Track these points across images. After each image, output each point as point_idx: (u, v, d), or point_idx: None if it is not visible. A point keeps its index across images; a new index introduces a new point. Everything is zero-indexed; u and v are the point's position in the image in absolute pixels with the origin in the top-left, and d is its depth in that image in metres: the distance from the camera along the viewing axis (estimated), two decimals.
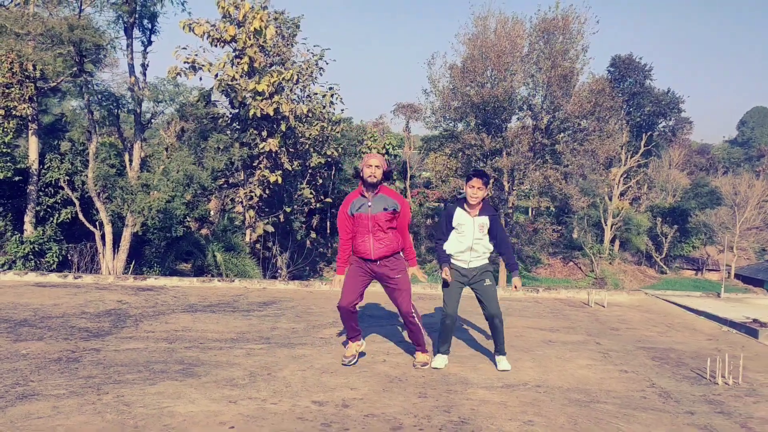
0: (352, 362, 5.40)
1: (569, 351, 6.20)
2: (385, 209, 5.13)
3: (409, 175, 47.57)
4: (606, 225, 48.93)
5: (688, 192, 56.14)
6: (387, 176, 5.17)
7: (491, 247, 5.40)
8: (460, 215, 5.30)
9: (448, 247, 5.37)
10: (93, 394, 4.38)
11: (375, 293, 8.14)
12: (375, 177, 5.09)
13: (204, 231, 32.94)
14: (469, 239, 5.27)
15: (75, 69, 20.74)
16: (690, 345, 6.69)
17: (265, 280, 9.84)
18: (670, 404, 4.70)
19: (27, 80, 21.11)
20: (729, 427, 4.27)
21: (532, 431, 4.05)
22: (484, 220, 5.28)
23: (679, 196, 55.88)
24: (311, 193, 30.47)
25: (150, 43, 23.30)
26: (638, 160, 51.43)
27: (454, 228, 5.32)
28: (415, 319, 5.33)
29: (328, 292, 9.29)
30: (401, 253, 5.34)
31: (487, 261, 5.41)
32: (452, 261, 5.39)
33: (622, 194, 51.85)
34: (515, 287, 5.49)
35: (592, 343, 6.59)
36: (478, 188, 5.18)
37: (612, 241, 50.05)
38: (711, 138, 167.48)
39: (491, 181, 4.95)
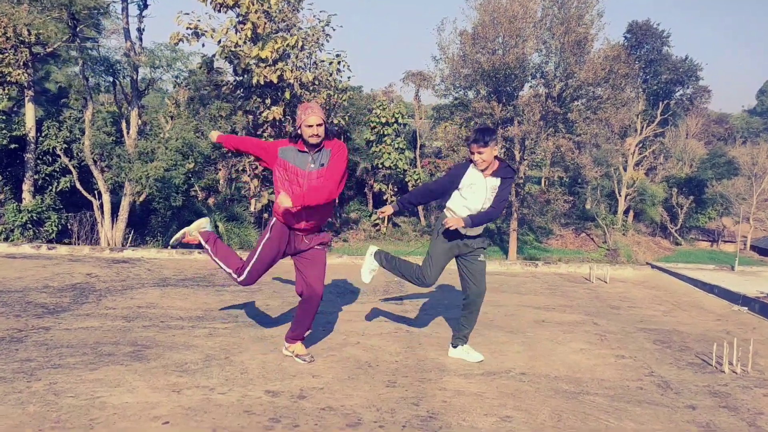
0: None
1: (563, 333, 5.67)
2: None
3: (419, 145, 46.73)
4: (620, 195, 47.98)
5: (704, 162, 54.75)
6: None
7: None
8: (472, 174, 4.49)
9: (451, 205, 4.60)
10: (23, 381, 3.94)
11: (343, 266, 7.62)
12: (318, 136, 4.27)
13: (211, 200, 32.65)
14: (479, 201, 4.50)
15: (69, 34, 20.16)
16: (696, 326, 6.13)
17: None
18: (669, 396, 4.18)
19: (21, 45, 20.56)
20: (734, 426, 3.74)
21: (510, 429, 3.56)
22: (496, 183, 4.50)
23: (696, 166, 54.55)
24: None
25: (146, 6, 22.59)
26: (654, 130, 50.17)
27: (459, 189, 4.53)
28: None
29: None
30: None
31: (481, 232, 4.70)
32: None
33: (637, 164, 50.72)
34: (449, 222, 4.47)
35: (589, 323, 6.06)
36: (478, 152, 4.39)
37: (626, 212, 49.12)
38: (730, 107, 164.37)
39: (496, 136, 4.22)
